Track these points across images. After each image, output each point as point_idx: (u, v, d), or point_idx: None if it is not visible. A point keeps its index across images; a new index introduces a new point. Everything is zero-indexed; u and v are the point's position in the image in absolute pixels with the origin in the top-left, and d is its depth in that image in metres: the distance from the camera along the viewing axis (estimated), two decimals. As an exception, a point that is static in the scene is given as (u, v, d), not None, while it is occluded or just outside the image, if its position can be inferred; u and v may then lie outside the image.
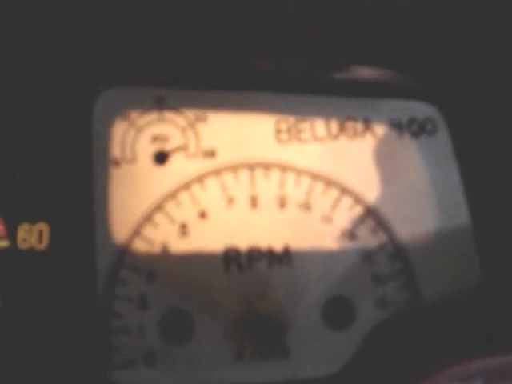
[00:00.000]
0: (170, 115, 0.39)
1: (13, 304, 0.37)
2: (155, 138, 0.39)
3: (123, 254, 0.38)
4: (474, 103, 0.40)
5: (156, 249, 0.38)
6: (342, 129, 0.40)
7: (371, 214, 0.39)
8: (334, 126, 0.40)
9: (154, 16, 0.37)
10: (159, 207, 0.38)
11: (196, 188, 0.39)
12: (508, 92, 0.39)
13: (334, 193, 0.39)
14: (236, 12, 0.36)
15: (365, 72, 0.40)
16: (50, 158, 0.38)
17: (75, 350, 0.36)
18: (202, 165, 0.39)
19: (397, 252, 0.39)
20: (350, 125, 0.40)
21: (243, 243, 0.38)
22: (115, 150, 0.39)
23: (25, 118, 0.38)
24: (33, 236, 0.37)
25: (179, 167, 0.39)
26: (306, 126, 0.40)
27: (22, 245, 0.37)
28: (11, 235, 0.37)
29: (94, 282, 0.37)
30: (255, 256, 0.38)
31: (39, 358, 0.36)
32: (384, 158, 0.40)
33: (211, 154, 0.39)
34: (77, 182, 0.38)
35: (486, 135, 0.39)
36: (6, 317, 0.36)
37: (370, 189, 0.39)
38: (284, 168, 0.39)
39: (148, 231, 0.38)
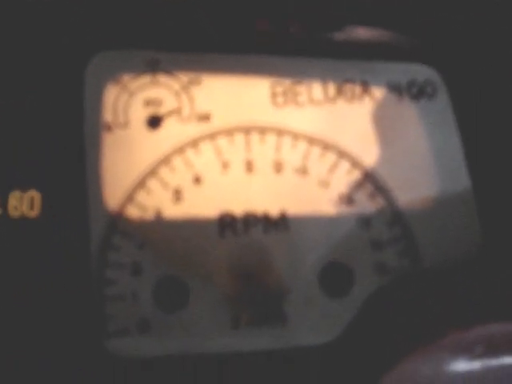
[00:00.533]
0: (163, 78, 0.39)
1: (5, 272, 0.36)
2: (148, 102, 0.39)
3: (116, 220, 0.37)
4: (474, 66, 0.40)
5: (149, 215, 0.38)
6: (339, 92, 0.40)
7: (369, 179, 0.39)
8: (332, 88, 0.40)
9: None
10: (152, 172, 0.38)
11: (190, 153, 0.38)
12: (509, 55, 0.39)
13: (331, 157, 0.39)
14: None
15: (363, 33, 0.40)
16: (41, 124, 0.38)
17: (68, 319, 0.36)
18: (196, 129, 0.39)
19: (395, 217, 0.38)
20: (347, 87, 0.40)
21: (238, 208, 0.38)
22: (107, 115, 0.39)
23: (14, 84, 0.38)
24: (24, 203, 0.37)
25: (173, 131, 0.39)
26: (302, 88, 0.40)
27: (14, 212, 0.37)
28: (2, 203, 0.37)
29: (87, 248, 0.37)
30: (251, 221, 0.38)
31: (31, 328, 0.35)
32: (383, 122, 0.40)
33: (205, 117, 0.39)
34: (68, 148, 0.37)
35: (486, 98, 0.39)
36: None
37: (368, 153, 0.39)
38: (280, 132, 0.39)
39: (141, 197, 0.38)
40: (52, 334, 0.35)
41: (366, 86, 0.40)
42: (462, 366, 0.30)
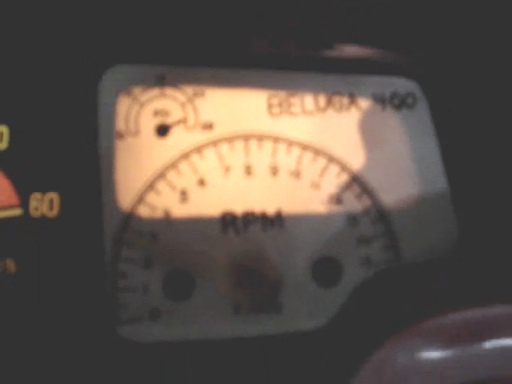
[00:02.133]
0: (170, 91, 0.40)
1: (27, 267, 0.37)
2: (157, 113, 0.40)
3: (128, 218, 0.38)
4: (451, 79, 0.41)
5: (158, 214, 0.39)
6: (329, 103, 0.41)
7: (356, 181, 0.40)
8: (322, 100, 0.41)
9: (154, 1, 0.38)
10: (161, 176, 0.39)
11: (195, 158, 0.39)
12: (482, 70, 0.40)
13: (322, 161, 0.40)
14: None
15: (351, 50, 0.41)
16: (60, 132, 0.38)
17: (85, 308, 0.37)
18: (200, 136, 0.40)
19: (380, 216, 0.40)
20: (336, 99, 0.41)
21: (239, 208, 0.39)
22: (120, 124, 0.39)
23: (36, 95, 0.39)
24: (44, 204, 0.38)
25: (179, 139, 0.39)
26: (296, 100, 0.41)
27: (34, 213, 0.38)
28: (24, 204, 0.38)
29: (102, 245, 0.38)
30: (250, 220, 0.39)
31: (52, 316, 0.36)
32: (368, 130, 0.41)
33: (209, 126, 0.40)
34: (84, 154, 0.38)
35: (462, 109, 0.40)
36: (21, 279, 0.37)
37: (356, 158, 0.40)
38: (276, 139, 0.40)
39: (151, 198, 0.39)
40: (70, 321, 0.37)
41: (352, 98, 0.41)
42: (434, 352, 0.31)
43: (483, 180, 0.40)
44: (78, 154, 0.38)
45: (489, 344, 0.31)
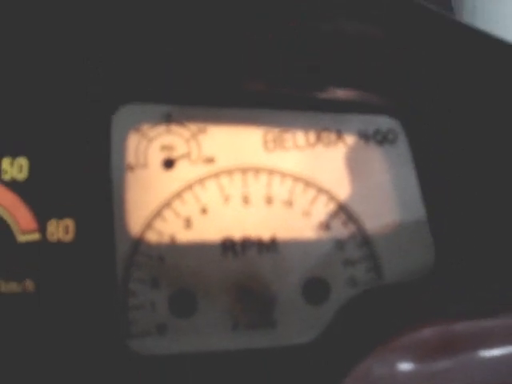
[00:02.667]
0: (175, 128, 0.42)
1: (44, 288, 0.39)
2: (163, 147, 0.42)
3: (138, 243, 0.40)
4: (428, 117, 0.43)
5: (165, 239, 0.40)
6: (318, 138, 0.43)
7: (343, 209, 0.41)
8: (312, 136, 0.43)
9: (162, 46, 0.41)
10: (167, 204, 0.41)
11: (198, 188, 0.41)
12: (457, 108, 0.43)
13: (312, 192, 0.42)
14: (232, 44, 0.41)
15: (339, 91, 0.43)
16: (75, 164, 0.40)
17: (98, 324, 0.38)
18: (202, 169, 0.41)
19: (364, 240, 0.41)
20: (325, 135, 0.43)
21: (237, 234, 0.41)
22: (130, 157, 0.41)
23: (54, 130, 0.41)
24: (60, 230, 0.40)
25: (184, 171, 0.41)
26: (288, 136, 0.43)
27: (51, 237, 0.39)
28: (41, 229, 0.40)
29: (113, 266, 0.39)
30: (247, 245, 0.41)
31: (67, 331, 0.38)
32: (353, 163, 0.42)
33: (210, 160, 0.42)
34: (98, 184, 0.40)
35: (438, 143, 0.43)
36: (39, 300, 0.38)
37: (342, 188, 0.42)
38: (271, 171, 0.42)
39: (158, 224, 0.41)
40: (84, 335, 0.38)
41: (339, 134, 0.43)
42: (412, 365, 0.32)
43: (458, 208, 0.41)
44: (92, 184, 0.40)
45: (462, 357, 0.32)
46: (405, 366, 0.32)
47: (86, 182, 0.40)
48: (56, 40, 0.40)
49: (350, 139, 0.43)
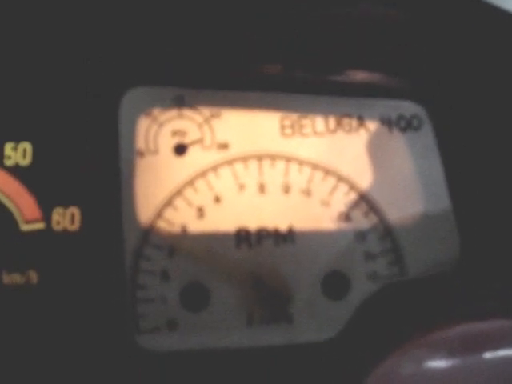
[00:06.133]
0: (188, 112, 0.41)
1: (48, 280, 0.38)
2: (175, 133, 0.41)
3: (147, 233, 0.40)
4: (454, 102, 0.42)
5: (176, 229, 0.40)
6: (338, 125, 0.42)
7: (364, 199, 0.41)
8: (332, 122, 0.42)
9: (173, 25, 0.39)
10: (179, 193, 0.40)
11: (211, 176, 0.41)
12: (485, 92, 0.41)
13: (331, 180, 0.41)
14: (248, 25, 0.39)
15: (360, 75, 0.42)
16: (81, 149, 0.40)
17: (105, 318, 0.38)
18: (216, 156, 0.41)
19: (386, 232, 0.41)
20: (345, 121, 0.42)
21: (252, 224, 0.40)
22: (140, 143, 0.41)
23: (59, 113, 0.40)
24: (66, 218, 0.39)
25: (196, 158, 0.41)
26: (307, 122, 0.42)
27: (56, 227, 0.39)
28: (46, 218, 0.39)
29: (121, 258, 0.39)
30: (263, 235, 0.40)
31: (73, 326, 0.38)
32: (375, 151, 0.42)
33: (224, 146, 0.41)
34: (106, 170, 0.39)
35: (464, 130, 0.42)
36: (44, 292, 0.38)
37: (364, 177, 0.41)
38: (288, 159, 0.41)
39: (169, 214, 0.40)
40: (91, 330, 0.38)
41: (361, 120, 0.42)
42: (439, 363, 0.31)
43: (485, 198, 0.40)
44: (99, 171, 0.40)
45: (490, 355, 0.31)
46: (433, 364, 0.32)
47: (92, 169, 0.40)
48: (62, 21, 0.39)
49: (372, 125, 0.42)
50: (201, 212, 0.40)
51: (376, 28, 0.39)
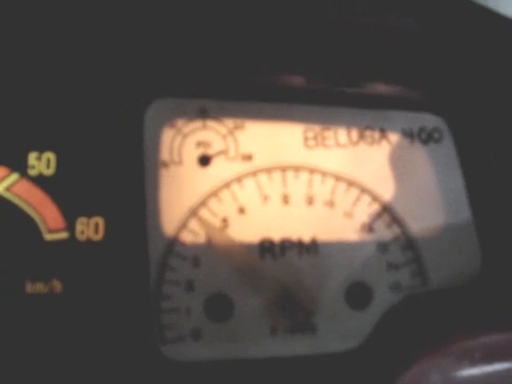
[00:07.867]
0: (212, 124, 0.42)
1: (72, 289, 0.38)
2: (199, 144, 0.42)
3: (172, 243, 0.40)
4: (475, 115, 0.42)
5: (201, 240, 0.40)
6: (361, 137, 0.43)
7: (387, 211, 0.41)
8: (355, 134, 0.43)
9: (198, 38, 0.40)
10: (203, 203, 0.41)
11: (235, 187, 0.41)
12: (503, 106, 0.42)
13: (354, 192, 0.42)
14: (272, 37, 0.40)
15: (382, 87, 0.43)
16: (106, 160, 0.40)
17: (131, 328, 0.38)
18: (240, 167, 0.41)
19: (408, 243, 0.41)
20: (368, 133, 0.43)
21: (276, 235, 0.41)
22: (164, 154, 0.41)
23: (84, 124, 0.40)
24: (90, 228, 0.39)
25: (220, 169, 0.41)
26: (330, 134, 0.43)
27: (80, 236, 0.39)
28: (70, 228, 0.39)
29: (146, 268, 0.39)
30: (287, 246, 0.40)
31: (97, 336, 0.38)
32: (397, 162, 0.42)
33: (248, 157, 0.42)
34: (130, 181, 0.40)
35: (485, 143, 0.42)
36: (67, 301, 0.38)
37: (386, 189, 0.42)
38: (311, 170, 0.42)
39: (193, 224, 0.40)
40: (116, 340, 0.38)
41: (383, 132, 0.43)
42: (462, 372, 0.32)
43: (506, 211, 0.41)
44: (123, 181, 0.40)
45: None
46: (458, 374, 0.32)
47: (117, 179, 0.40)
48: (88, 34, 0.39)
49: (394, 137, 0.43)
50: (225, 223, 0.40)
51: (398, 41, 0.39)
